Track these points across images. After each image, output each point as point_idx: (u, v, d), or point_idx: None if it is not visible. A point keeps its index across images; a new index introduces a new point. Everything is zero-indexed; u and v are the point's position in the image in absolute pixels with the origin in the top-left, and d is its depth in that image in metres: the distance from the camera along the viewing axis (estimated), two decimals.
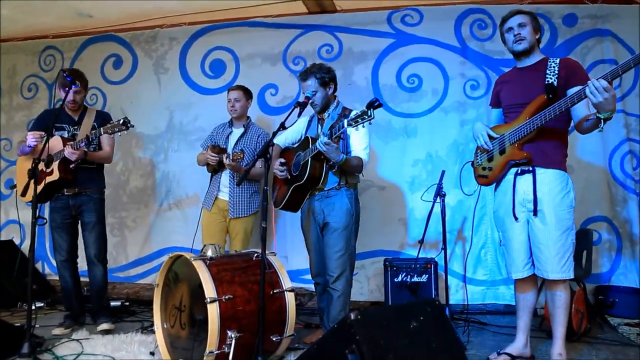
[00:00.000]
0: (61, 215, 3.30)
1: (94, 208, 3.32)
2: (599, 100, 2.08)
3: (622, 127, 3.68)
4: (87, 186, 3.30)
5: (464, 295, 3.81)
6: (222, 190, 3.45)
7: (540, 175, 2.41)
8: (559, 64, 2.40)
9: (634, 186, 3.65)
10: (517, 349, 2.59)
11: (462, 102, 3.94)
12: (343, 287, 2.80)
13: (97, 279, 3.32)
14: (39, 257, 4.59)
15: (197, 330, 2.38)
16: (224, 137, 3.53)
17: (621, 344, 2.90)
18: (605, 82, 2.06)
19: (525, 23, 2.47)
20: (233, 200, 3.41)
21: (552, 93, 2.33)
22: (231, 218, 3.42)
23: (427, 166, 3.96)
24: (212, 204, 3.46)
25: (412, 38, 4.04)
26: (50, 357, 2.68)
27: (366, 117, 2.41)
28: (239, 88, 3.54)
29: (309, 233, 2.98)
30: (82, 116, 3.33)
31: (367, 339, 1.81)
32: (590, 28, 3.77)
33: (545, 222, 2.37)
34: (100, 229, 3.34)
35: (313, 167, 2.73)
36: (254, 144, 3.49)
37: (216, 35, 4.42)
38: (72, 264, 3.36)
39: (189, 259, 2.43)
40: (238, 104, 3.49)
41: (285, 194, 2.94)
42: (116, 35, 4.64)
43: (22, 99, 4.85)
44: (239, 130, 3.54)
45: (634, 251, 3.62)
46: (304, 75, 2.88)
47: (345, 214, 2.80)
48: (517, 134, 2.43)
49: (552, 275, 2.39)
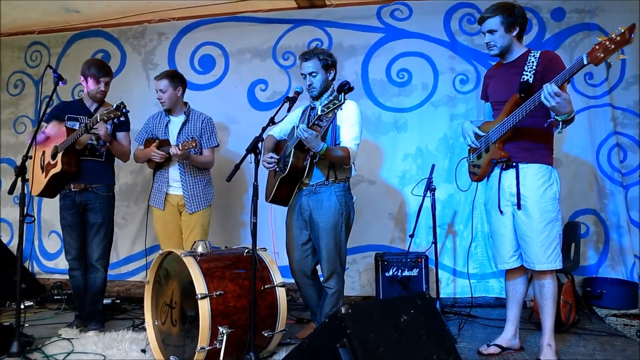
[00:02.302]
0: (71, 214, 3.17)
1: (101, 207, 3.15)
2: (552, 104, 2.14)
3: (610, 121, 3.72)
4: (94, 181, 3.14)
5: (454, 288, 3.84)
6: (172, 185, 3.28)
7: (522, 170, 2.45)
8: (538, 57, 2.41)
9: (620, 179, 3.69)
10: (506, 339, 2.64)
11: (451, 96, 3.95)
12: (336, 285, 2.81)
13: (95, 284, 3.17)
14: (28, 255, 4.55)
15: (189, 327, 2.38)
16: (162, 127, 3.33)
17: (608, 335, 2.95)
18: (555, 88, 2.11)
19: (494, 29, 2.46)
20: (188, 194, 3.25)
21: (526, 91, 2.35)
22: (189, 213, 3.27)
23: (417, 160, 3.98)
24: (163, 202, 3.29)
25: (402, 33, 4.04)
26: (40, 356, 2.66)
27: (337, 102, 2.38)
28: (165, 76, 3.24)
29: (290, 229, 2.92)
30: (97, 110, 3.20)
31: (358, 333, 1.82)
32: (578, 22, 3.80)
33: (529, 215, 2.42)
34: (105, 231, 3.18)
35: (296, 157, 2.68)
36: (198, 130, 3.31)
37: (205, 31, 4.38)
38: (82, 264, 3.22)
39: (180, 256, 2.42)
40: (165, 95, 3.24)
41: (272, 186, 2.91)
42: (104, 30, 4.58)
43: (8, 95, 4.79)
44: (179, 118, 3.33)
45: (621, 243, 3.66)
46: (306, 55, 2.77)
47: (333, 212, 2.74)
48: (497, 133, 2.47)
49: (538, 267, 2.43)
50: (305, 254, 2.89)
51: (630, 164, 3.73)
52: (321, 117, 2.48)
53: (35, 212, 4.51)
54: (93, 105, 3.26)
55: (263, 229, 3.61)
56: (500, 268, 2.64)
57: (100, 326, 3.18)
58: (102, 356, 2.66)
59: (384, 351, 1.84)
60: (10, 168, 4.63)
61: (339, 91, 2.41)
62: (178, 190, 3.29)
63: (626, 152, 3.74)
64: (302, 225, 2.87)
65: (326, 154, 2.59)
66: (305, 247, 2.89)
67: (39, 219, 4.53)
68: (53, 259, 4.53)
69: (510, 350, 2.63)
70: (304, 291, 2.97)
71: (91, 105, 3.26)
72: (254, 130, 2.72)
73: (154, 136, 3.34)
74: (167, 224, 3.34)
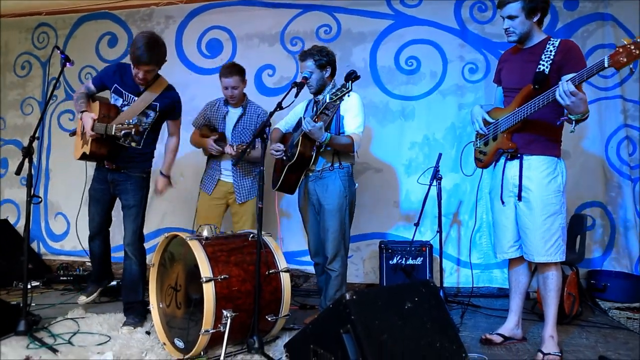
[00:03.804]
0: (100, 188, 3.00)
1: (132, 189, 2.94)
2: (566, 103, 2.10)
3: (620, 113, 3.68)
4: (127, 165, 2.94)
5: (458, 278, 3.85)
6: (224, 173, 3.35)
7: (526, 162, 2.42)
8: (557, 47, 2.33)
9: (629, 172, 3.66)
10: (509, 329, 2.65)
11: (460, 85, 3.92)
12: (339, 267, 2.88)
13: (130, 271, 2.99)
14: (35, 236, 4.58)
15: (193, 310, 2.39)
16: (220, 117, 3.37)
17: (611, 327, 2.94)
18: (572, 87, 2.06)
19: (515, 14, 2.36)
20: (238, 184, 3.32)
21: (541, 82, 2.29)
22: (238, 203, 3.33)
23: (424, 149, 3.96)
24: (213, 188, 3.35)
25: (411, 20, 3.99)
26: (46, 335, 2.69)
27: (344, 90, 2.49)
28: (235, 72, 3.22)
29: (306, 214, 3.04)
30: (147, 88, 2.91)
31: (362, 319, 1.84)
32: (592, 12, 3.74)
33: (531, 206, 2.40)
34: (136, 214, 2.97)
35: (304, 145, 2.80)
36: (253, 124, 3.34)
37: (213, 14, 4.35)
38: (102, 236, 3.09)
39: (185, 239, 2.43)
40: (236, 91, 3.25)
41: (280, 174, 2.97)
42: (111, 13, 4.56)
43: (15, 77, 4.78)
44: (236, 111, 3.36)
45: (626, 237, 3.65)
46: (302, 56, 2.94)
47: (338, 195, 2.85)
48: (506, 123, 2.43)
49: (537, 258, 2.43)
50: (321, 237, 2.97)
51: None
52: (328, 105, 2.61)
53: (42, 194, 4.54)
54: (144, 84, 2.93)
55: (272, 214, 3.66)
56: (499, 258, 2.68)
57: (138, 321, 2.88)
58: (107, 337, 2.69)
59: (388, 338, 1.85)
60: (18, 149, 4.64)
61: (347, 79, 2.48)
62: (229, 178, 3.34)
63: (636, 145, 3.70)
64: (314, 210, 2.98)
65: (330, 142, 2.75)
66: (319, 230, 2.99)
67: (45, 200, 4.55)
68: (59, 241, 4.56)
69: (513, 340, 2.64)
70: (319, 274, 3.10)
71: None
72: None
73: (212, 124, 3.38)
74: (210, 208, 3.36)
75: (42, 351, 2.45)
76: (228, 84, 3.22)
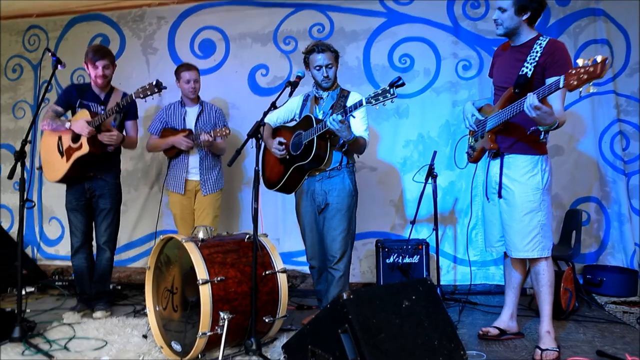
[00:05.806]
0: (76, 198, 3.21)
1: (110, 194, 3.24)
2: (532, 115, 2.15)
3: (613, 108, 3.69)
4: (103, 170, 3.21)
5: (455, 275, 3.85)
6: (190, 172, 3.50)
7: (507, 160, 2.46)
8: (543, 47, 2.33)
9: (622, 167, 3.68)
10: (504, 322, 2.70)
11: (454, 82, 3.92)
12: (345, 267, 2.84)
13: (102, 264, 3.27)
14: (29, 241, 4.55)
15: (190, 312, 2.38)
16: (180, 118, 3.54)
17: (608, 322, 2.96)
18: (535, 101, 2.10)
19: (504, 7, 2.37)
20: (204, 178, 3.50)
21: (522, 86, 2.31)
22: (203, 195, 3.50)
23: (419, 147, 3.96)
24: (183, 187, 3.49)
25: (404, 17, 3.99)
26: (41, 341, 2.67)
27: (388, 95, 2.43)
28: (194, 67, 3.52)
29: (305, 215, 2.94)
30: (108, 96, 3.24)
31: (359, 319, 1.83)
32: (583, 7, 3.74)
33: (509, 203, 2.44)
34: (113, 216, 3.27)
35: (319, 146, 2.70)
36: (212, 119, 3.57)
37: (205, 15, 4.32)
38: (87, 248, 3.29)
39: (181, 241, 2.41)
40: (198, 84, 3.51)
41: (281, 174, 2.90)
42: (102, 14, 4.52)
43: (6, 80, 4.74)
44: (194, 109, 3.56)
45: (621, 231, 3.67)
46: (322, 46, 2.80)
47: (347, 194, 2.82)
48: (490, 124, 2.46)
49: (514, 254, 2.47)
50: (320, 238, 2.91)
51: (633, 152, 3.71)
52: (357, 106, 2.55)
53: (35, 199, 4.50)
54: (102, 94, 3.25)
55: (268, 215, 3.66)
56: (488, 251, 2.75)
57: (108, 307, 3.24)
58: (103, 341, 2.67)
59: (386, 337, 1.84)
60: (10, 154, 4.61)
61: (391, 85, 2.43)
62: (195, 176, 3.52)
63: (629, 139, 3.72)
64: (316, 212, 2.90)
65: (354, 143, 2.72)
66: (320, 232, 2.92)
67: (39, 205, 4.52)
68: (54, 245, 4.53)
69: (509, 334, 2.66)
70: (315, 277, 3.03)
71: (100, 93, 3.24)
72: (254, 116, 2.71)
73: (171, 126, 3.54)
74: (184, 208, 3.56)
75: (37, 357, 2.43)
76: (190, 77, 3.46)
